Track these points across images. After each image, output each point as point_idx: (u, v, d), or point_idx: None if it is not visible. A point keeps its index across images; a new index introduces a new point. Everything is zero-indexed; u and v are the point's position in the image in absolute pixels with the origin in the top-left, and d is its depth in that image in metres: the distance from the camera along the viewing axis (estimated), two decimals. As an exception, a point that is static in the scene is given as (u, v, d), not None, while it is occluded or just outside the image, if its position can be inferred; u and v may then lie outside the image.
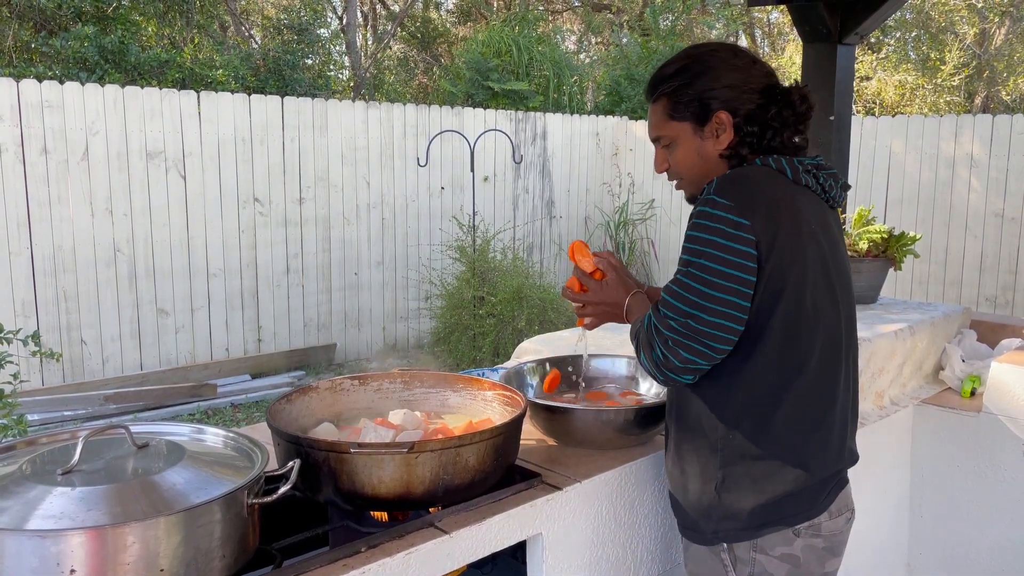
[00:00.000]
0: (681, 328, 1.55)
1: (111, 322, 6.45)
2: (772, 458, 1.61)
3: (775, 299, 1.55)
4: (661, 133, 1.72)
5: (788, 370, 1.60)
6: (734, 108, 1.62)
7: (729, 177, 1.59)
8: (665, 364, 1.58)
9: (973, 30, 14.96)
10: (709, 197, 1.56)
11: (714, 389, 1.63)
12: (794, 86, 1.66)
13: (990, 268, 6.93)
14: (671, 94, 1.67)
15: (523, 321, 5.78)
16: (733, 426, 1.62)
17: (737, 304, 1.53)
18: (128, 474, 1.41)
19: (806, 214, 1.61)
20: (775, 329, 1.57)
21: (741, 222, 1.52)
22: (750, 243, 1.52)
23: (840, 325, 1.68)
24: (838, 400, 1.69)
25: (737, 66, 1.64)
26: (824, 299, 1.63)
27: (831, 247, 1.67)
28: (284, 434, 1.66)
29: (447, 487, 1.62)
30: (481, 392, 2.02)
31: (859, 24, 3.63)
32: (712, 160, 1.67)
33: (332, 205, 7.57)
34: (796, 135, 1.66)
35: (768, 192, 1.58)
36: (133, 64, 8.81)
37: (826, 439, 1.66)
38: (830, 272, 1.65)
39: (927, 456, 3.00)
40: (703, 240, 1.54)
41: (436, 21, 17.04)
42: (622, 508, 1.95)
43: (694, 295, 1.54)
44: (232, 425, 5.95)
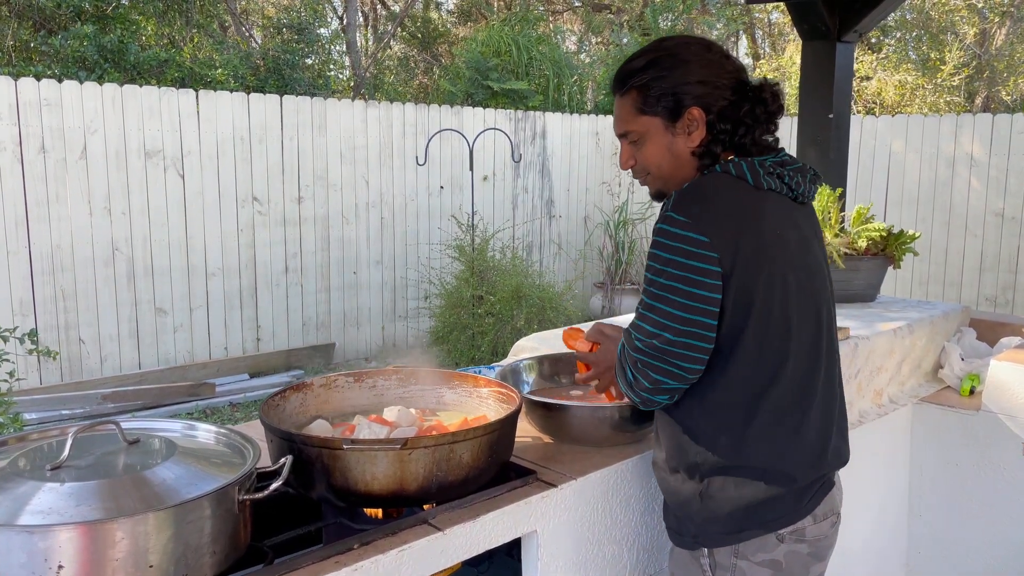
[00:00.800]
0: (647, 348, 1.54)
1: (109, 321, 6.45)
2: (752, 468, 1.60)
3: (744, 314, 1.53)
4: (629, 128, 1.65)
5: (762, 382, 1.58)
6: (707, 104, 1.58)
7: (686, 192, 1.55)
8: (636, 385, 1.58)
9: (973, 30, 14.95)
10: (667, 214, 1.53)
11: (690, 406, 1.62)
12: (765, 82, 1.62)
13: (990, 268, 6.92)
14: (641, 88, 1.61)
15: (522, 320, 5.77)
16: (711, 441, 1.61)
17: (702, 323, 1.51)
18: (118, 469, 1.40)
19: (770, 220, 1.57)
20: (747, 343, 1.55)
21: (700, 239, 1.48)
22: (711, 260, 1.48)
23: (815, 327, 1.65)
24: (815, 404, 1.66)
25: (711, 61, 1.60)
26: (796, 305, 1.60)
27: (801, 247, 1.63)
28: (277, 430, 1.65)
29: (441, 484, 1.61)
30: (477, 389, 2.01)
31: (858, 22, 3.61)
32: (683, 158, 1.63)
33: (331, 204, 7.56)
34: (767, 133, 1.63)
35: (727, 204, 1.54)
36: (132, 63, 8.80)
37: (805, 444, 1.64)
38: (800, 275, 1.61)
39: (926, 455, 2.99)
40: (663, 259, 1.52)
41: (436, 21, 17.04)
42: (618, 505, 1.94)
43: (657, 315, 1.53)
44: (230, 424, 5.93)
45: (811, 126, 3.73)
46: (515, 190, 8.96)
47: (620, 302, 8.87)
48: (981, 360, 3.11)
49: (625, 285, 8.95)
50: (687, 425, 1.63)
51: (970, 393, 2.99)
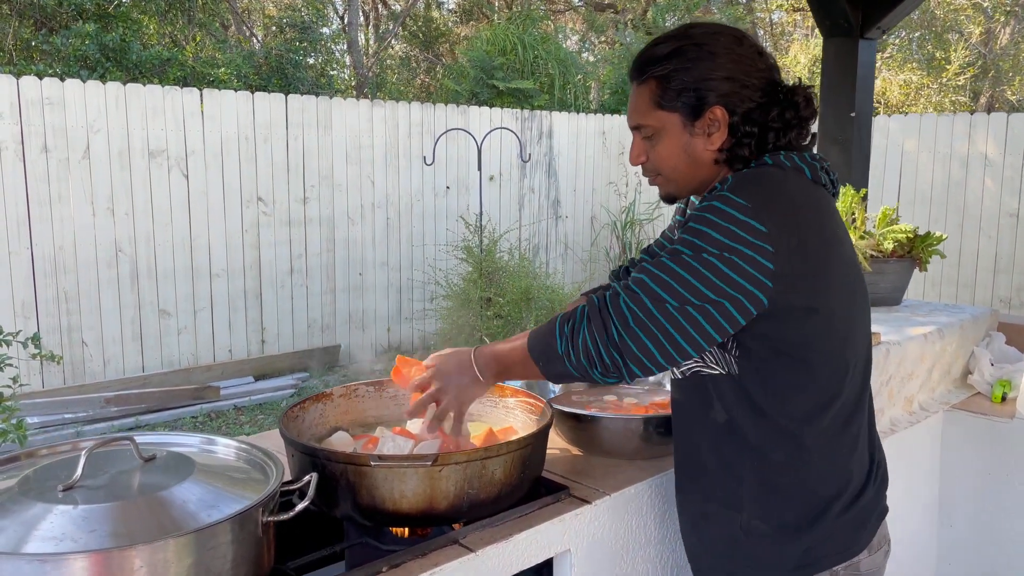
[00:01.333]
0: (654, 311, 1.32)
1: (112, 323, 6.36)
2: (807, 493, 1.44)
3: (803, 315, 1.37)
4: (644, 122, 1.48)
5: (823, 393, 1.42)
6: (732, 105, 1.41)
7: (747, 175, 1.39)
8: (618, 345, 1.32)
9: (978, 29, 14.86)
10: (723, 193, 1.34)
11: (734, 415, 1.45)
12: (798, 85, 1.45)
13: (1004, 269, 6.83)
14: (661, 79, 1.43)
15: (531, 322, 5.68)
16: (759, 456, 1.44)
17: (726, 310, 1.31)
18: (134, 490, 1.31)
19: (830, 217, 1.44)
20: (805, 348, 1.39)
21: (757, 227, 1.30)
22: (764, 252, 1.30)
23: (866, 334, 1.54)
24: (867, 418, 1.55)
25: (741, 56, 1.42)
26: (854, 309, 1.47)
27: (851, 250, 1.51)
28: (299, 445, 1.57)
29: (472, 502, 1.53)
30: (503, 399, 1.93)
31: (881, 18, 3.53)
32: (700, 160, 1.46)
33: (336, 205, 7.47)
34: (799, 139, 1.46)
35: (792, 195, 1.38)
36: (134, 62, 8.73)
37: (863, 465, 1.51)
38: (852, 277, 1.49)
39: (957, 464, 2.90)
40: (707, 236, 1.31)
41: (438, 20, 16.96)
42: (652, 522, 1.86)
43: (680, 284, 1.31)
44: (235, 428, 5.85)
45: (833, 125, 3.64)
46: (521, 190, 8.88)
47: (627, 303, 8.77)
48: (1012, 365, 3.03)
49: (632, 286, 8.86)
50: (733, 437, 1.47)
51: (1002, 400, 2.91)
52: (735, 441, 1.47)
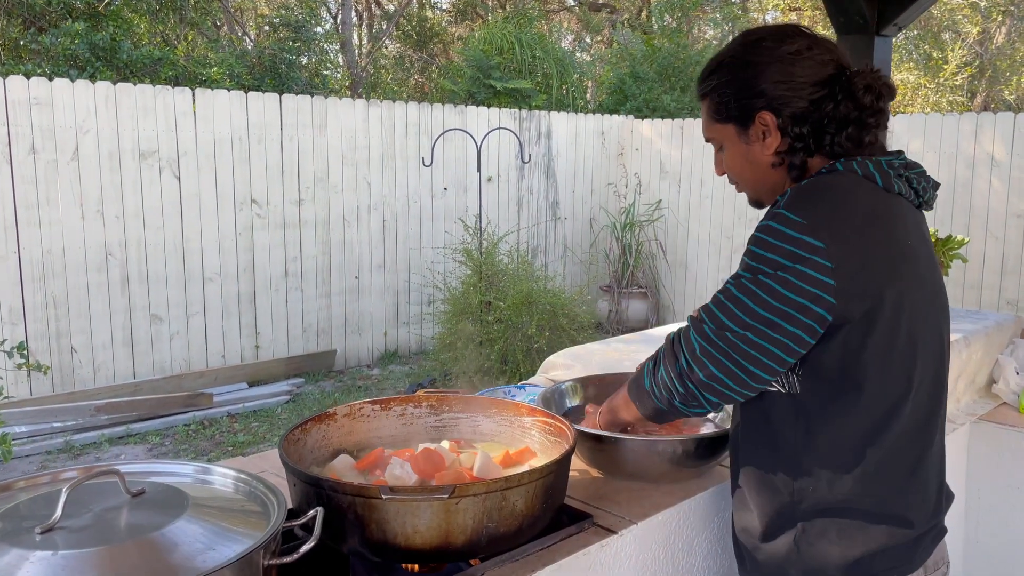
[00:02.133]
0: (715, 339, 1.37)
1: (102, 329, 6.21)
2: (862, 512, 1.39)
3: (867, 333, 1.32)
4: (709, 135, 1.55)
5: (882, 412, 1.37)
6: (778, 107, 1.40)
7: (806, 188, 1.36)
8: (689, 375, 1.40)
9: (976, 29, 14.82)
10: (779, 211, 1.32)
11: (793, 434, 1.41)
12: (860, 72, 1.39)
13: (1012, 271, 6.74)
14: (711, 94, 1.49)
15: (532, 327, 5.55)
16: (815, 475, 1.40)
17: (791, 333, 1.31)
18: (122, 531, 1.18)
19: (900, 229, 1.37)
20: (866, 366, 1.34)
21: (814, 243, 1.28)
22: (823, 269, 1.27)
23: (939, 354, 1.45)
24: (935, 441, 1.47)
25: (783, 56, 1.40)
26: (923, 326, 1.39)
27: (929, 263, 1.43)
28: (302, 475, 1.44)
29: (491, 536, 1.40)
30: (519, 418, 1.80)
31: (899, 14, 3.41)
32: (763, 167, 1.47)
33: (332, 206, 7.34)
34: (863, 132, 1.39)
35: (853, 207, 1.33)
36: (125, 62, 8.57)
37: (924, 487, 1.44)
38: (927, 294, 1.41)
39: (983, 477, 2.79)
40: (763, 258, 1.32)
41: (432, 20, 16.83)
42: (680, 550, 1.74)
43: (739, 308, 1.34)
44: (229, 436, 5.71)
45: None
46: (520, 191, 8.76)
47: (627, 305, 8.66)
48: (1038, 374, 2.91)
49: (632, 289, 8.75)
50: (789, 453, 1.42)
51: (1030, 411, 2.79)
52: (790, 461, 1.42)
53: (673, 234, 8.91)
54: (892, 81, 1.44)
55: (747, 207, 8.53)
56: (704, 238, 8.65)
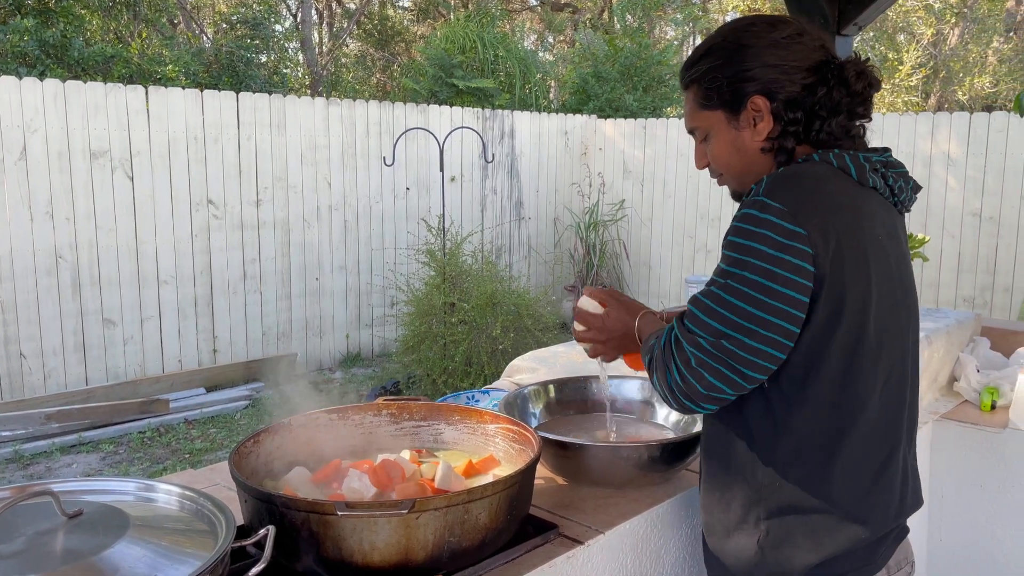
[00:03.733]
0: (711, 348, 1.31)
1: (53, 334, 6.02)
2: (826, 512, 1.37)
3: (834, 324, 1.30)
4: (694, 124, 1.49)
5: (848, 408, 1.35)
6: (771, 91, 1.38)
7: (782, 176, 1.34)
8: (684, 390, 1.34)
9: (930, 30, 15.10)
10: (758, 198, 1.30)
11: (760, 430, 1.39)
12: (849, 59, 1.39)
13: (968, 268, 6.85)
14: (700, 79, 1.44)
15: (497, 328, 5.50)
16: (780, 474, 1.38)
17: (783, 328, 1.28)
18: (57, 557, 1.11)
19: (872, 221, 1.35)
20: (833, 360, 1.32)
21: (795, 230, 1.25)
22: (805, 256, 1.25)
23: (907, 352, 1.45)
24: (903, 439, 1.45)
25: (776, 41, 1.38)
26: (891, 322, 1.38)
27: (899, 260, 1.42)
28: (253, 490, 1.36)
29: (454, 550, 1.35)
30: (482, 425, 1.75)
31: (858, 14, 3.42)
32: (752, 154, 1.43)
33: (291, 207, 7.21)
34: (852, 120, 1.40)
35: (829, 194, 1.32)
36: (76, 59, 8.34)
37: (889, 487, 1.42)
38: (897, 290, 1.40)
39: (946, 476, 2.80)
40: (746, 248, 1.28)
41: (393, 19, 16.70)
42: (648, 558, 1.70)
43: (731, 312, 1.29)
44: (186, 443, 5.57)
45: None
46: (483, 191, 8.69)
47: (592, 306, 8.64)
48: (998, 372, 2.94)
49: (596, 288, 8.74)
50: (754, 451, 1.39)
51: (992, 408, 2.81)
52: (758, 457, 1.40)
53: (636, 234, 8.92)
54: (880, 74, 1.42)
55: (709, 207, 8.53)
56: (667, 238, 8.68)
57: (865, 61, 1.40)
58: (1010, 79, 14.61)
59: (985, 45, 14.96)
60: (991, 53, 15.03)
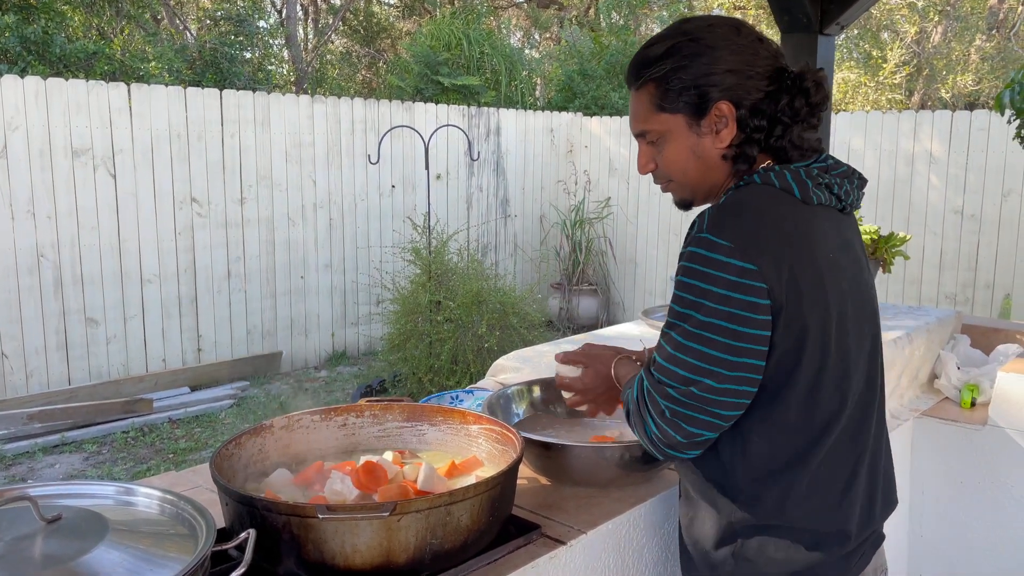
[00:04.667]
0: (682, 397, 1.29)
1: (35, 333, 5.97)
2: (799, 529, 1.36)
3: (797, 353, 1.29)
4: (648, 127, 1.41)
5: (814, 429, 1.34)
6: (738, 97, 1.33)
7: (723, 208, 1.30)
8: (664, 441, 1.33)
9: (913, 28, 15.20)
10: (702, 236, 1.27)
11: (727, 455, 1.38)
12: (808, 69, 1.36)
13: (949, 266, 6.91)
14: (660, 80, 1.36)
15: (483, 327, 5.50)
16: (750, 494, 1.37)
17: (749, 365, 1.26)
18: (36, 562, 1.10)
19: (823, 244, 1.33)
20: (799, 385, 1.31)
21: (746, 267, 1.23)
22: (759, 292, 1.23)
23: (870, 362, 1.44)
24: (868, 448, 1.45)
25: (741, 45, 1.34)
26: (853, 340, 1.37)
27: (855, 270, 1.40)
28: (234, 493, 1.36)
29: (436, 552, 1.35)
30: (465, 426, 1.75)
31: (841, 14, 3.44)
32: (711, 161, 1.38)
33: (276, 205, 7.17)
34: (810, 129, 1.37)
35: (775, 224, 1.29)
36: (58, 56, 8.25)
37: (858, 497, 1.42)
38: (856, 304, 1.38)
39: (927, 472, 2.83)
40: (700, 290, 1.26)
41: (379, 15, 16.64)
42: (630, 557, 1.71)
43: (695, 357, 1.27)
44: (171, 443, 5.54)
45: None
46: (469, 189, 8.69)
47: (578, 303, 8.67)
48: (978, 369, 2.97)
49: (582, 286, 8.76)
50: (724, 476, 1.39)
51: (971, 405, 2.84)
52: (728, 478, 1.39)
53: (622, 231, 8.94)
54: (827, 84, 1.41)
55: (695, 204, 8.57)
56: (652, 235, 8.70)
57: (820, 71, 1.37)
58: (992, 77, 14.74)
59: (968, 43, 15.07)
60: (974, 51, 15.14)
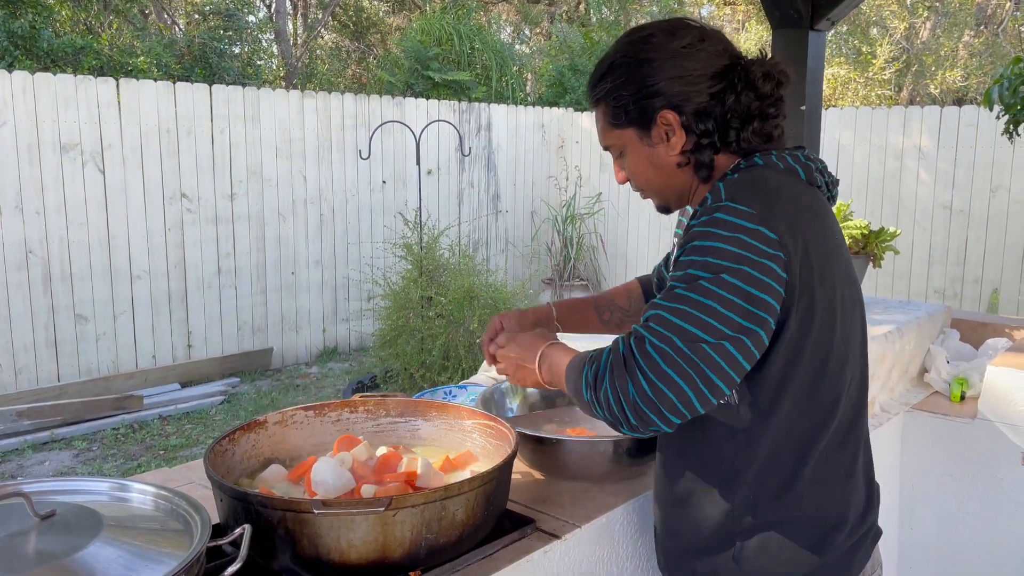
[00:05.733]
0: (687, 350, 1.18)
1: (24, 330, 5.93)
2: (803, 522, 1.35)
3: (806, 331, 1.26)
4: (607, 143, 1.46)
5: (820, 414, 1.33)
6: (678, 105, 1.33)
7: (741, 181, 1.28)
8: (648, 397, 1.19)
9: (902, 24, 15.26)
10: (724, 204, 1.23)
11: (728, 446, 1.35)
12: (755, 61, 1.34)
13: (938, 260, 6.95)
14: (605, 98, 1.40)
15: (475, 322, 5.50)
16: (755, 489, 1.34)
17: (757, 335, 1.21)
18: (30, 558, 1.10)
19: (829, 222, 1.35)
20: (807, 368, 1.29)
21: (768, 235, 1.20)
22: (778, 260, 1.20)
23: (863, 348, 1.44)
24: (864, 437, 1.45)
25: (677, 51, 1.33)
26: (852, 322, 1.37)
27: (847, 256, 1.41)
28: (228, 489, 1.36)
29: (431, 547, 1.35)
30: (459, 421, 1.75)
31: (832, 9, 3.45)
32: (668, 168, 1.39)
33: (266, 201, 7.15)
34: (765, 124, 1.34)
35: (791, 197, 1.28)
36: (46, 50, 8.20)
37: (858, 485, 1.42)
38: (852, 288, 1.39)
39: (917, 466, 2.85)
40: (722, 252, 1.20)
41: (369, 10, 16.57)
42: (624, 551, 1.71)
43: (709, 315, 1.19)
44: (161, 440, 5.52)
45: (783, 119, 3.55)
46: (460, 184, 8.67)
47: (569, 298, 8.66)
48: (967, 363, 2.99)
49: (574, 281, 8.76)
50: (729, 466, 1.36)
51: (961, 399, 2.86)
52: (729, 477, 1.37)
53: (613, 227, 8.95)
54: (788, 68, 1.37)
55: (685, 199, 8.61)
56: (643, 231, 8.72)
57: (770, 60, 1.35)
58: (980, 73, 14.82)
59: (956, 39, 15.15)
60: (962, 47, 15.22)
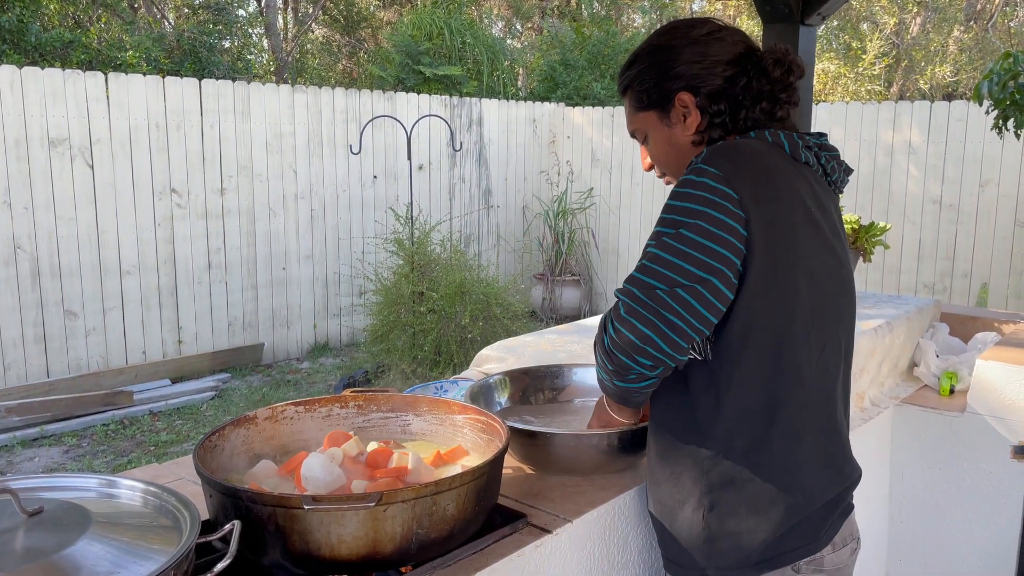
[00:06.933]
0: (644, 298, 1.33)
1: (12, 326, 5.90)
2: (768, 481, 1.41)
3: (767, 289, 1.35)
4: (633, 127, 1.59)
5: (784, 377, 1.39)
6: (695, 87, 1.46)
7: (719, 147, 1.40)
8: (616, 341, 1.36)
9: (892, 20, 15.30)
10: (696, 166, 1.36)
11: (702, 404, 1.43)
12: (768, 50, 1.46)
13: (928, 255, 6.98)
14: (632, 84, 1.55)
15: (466, 317, 5.49)
16: (723, 444, 1.42)
17: (713, 285, 1.31)
18: (17, 555, 1.09)
19: (804, 193, 1.41)
20: (768, 327, 1.36)
21: (729, 193, 1.31)
22: (738, 218, 1.31)
23: (842, 323, 1.50)
24: (838, 409, 1.51)
25: (695, 39, 1.47)
26: (826, 292, 1.43)
27: (833, 235, 1.47)
28: (217, 484, 1.35)
29: (422, 542, 1.35)
30: (451, 416, 1.75)
31: (822, 4, 3.45)
32: (684, 148, 1.51)
33: (256, 196, 7.12)
34: (775, 107, 1.45)
35: (762, 164, 1.38)
36: (34, 45, 8.14)
37: (828, 456, 1.48)
38: (830, 263, 1.45)
39: (907, 459, 2.86)
40: (682, 209, 1.34)
41: (360, 4, 16.51)
42: (615, 545, 1.71)
43: (662, 266, 1.33)
44: (151, 436, 5.50)
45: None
46: (452, 180, 8.66)
47: (561, 293, 8.68)
48: (957, 357, 3.01)
49: (565, 276, 8.77)
50: (696, 423, 1.44)
51: (950, 392, 2.88)
52: (701, 430, 1.44)
53: (605, 222, 8.95)
54: (800, 60, 1.47)
55: (677, 194, 8.73)
56: (635, 225, 8.72)
57: (783, 50, 1.46)
58: (970, 68, 14.87)
59: (946, 34, 15.20)
60: (952, 42, 15.27)
